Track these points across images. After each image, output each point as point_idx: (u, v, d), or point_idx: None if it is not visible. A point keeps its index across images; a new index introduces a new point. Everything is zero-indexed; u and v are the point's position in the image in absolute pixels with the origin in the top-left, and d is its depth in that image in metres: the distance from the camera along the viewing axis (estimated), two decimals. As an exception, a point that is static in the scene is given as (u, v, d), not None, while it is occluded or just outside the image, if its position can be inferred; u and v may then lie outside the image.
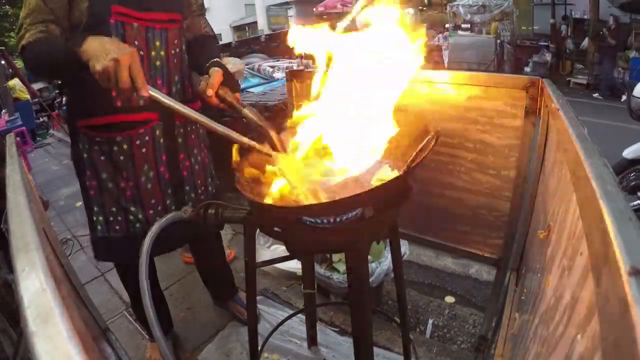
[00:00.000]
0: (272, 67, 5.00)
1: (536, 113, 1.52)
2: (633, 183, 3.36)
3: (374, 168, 1.14)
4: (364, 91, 1.11)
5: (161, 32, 1.51)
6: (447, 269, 2.92)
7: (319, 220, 1.07)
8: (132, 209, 1.62)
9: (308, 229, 1.09)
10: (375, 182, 1.10)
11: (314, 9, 19.24)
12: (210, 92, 1.31)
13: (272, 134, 1.23)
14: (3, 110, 5.82)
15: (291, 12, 21.66)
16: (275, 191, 1.13)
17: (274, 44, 9.16)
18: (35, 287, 0.44)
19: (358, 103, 1.12)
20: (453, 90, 1.65)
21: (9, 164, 1.03)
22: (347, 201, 0.98)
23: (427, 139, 0.99)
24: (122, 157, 1.55)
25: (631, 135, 4.20)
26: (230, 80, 1.38)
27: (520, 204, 1.66)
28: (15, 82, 9.15)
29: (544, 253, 1.06)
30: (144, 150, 1.57)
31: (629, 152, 3.40)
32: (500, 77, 1.62)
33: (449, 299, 2.58)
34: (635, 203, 3.32)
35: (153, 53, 1.51)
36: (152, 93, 1.16)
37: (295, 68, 3.56)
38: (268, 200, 1.12)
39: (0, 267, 1.72)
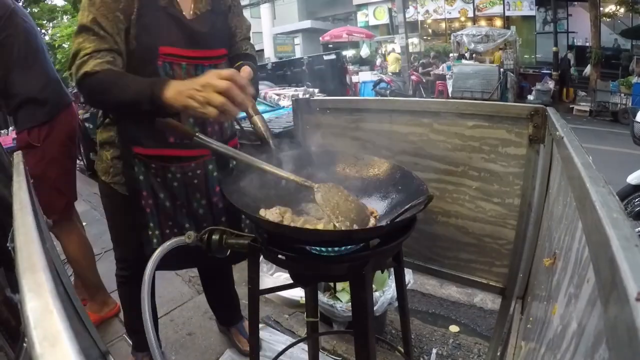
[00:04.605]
0: (278, 95, 5.07)
1: (540, 141, 1.53)
2: (638, 209, 3.37)
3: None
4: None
5: (210, 69, 1.43)
6: (451, 297, 2.89)
7: (323, 249, 1.07)
8: (187, 225, 1.61)
9: (313, 257, 1.09)
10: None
11: (321, 38, 19.62)
12: None
13: (274, 149, 1.24)
14: (10, 127, 5.82)
15: (298, 40, 22.03)
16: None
17: (280, 72, 9.32)
18: (42, 309, 0.44)
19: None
20: (457, 119, 1.67)
21: (15, 181, 1.02)
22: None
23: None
24: (175, 184, 1.55)
25: (635, 161, 4.21)
26: (253, 86, 1.31)
27: (525, 231, 1.65)
28: None
29: (550, 281, 1.05)
30: (195, 181, 1.57)
31: (633, 178, 3.41)
32: (504, 106, 1.64)
33: (454, 328, 2.55)
34: None
35: None
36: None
37: (301, 96, 3.60)
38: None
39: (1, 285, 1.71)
